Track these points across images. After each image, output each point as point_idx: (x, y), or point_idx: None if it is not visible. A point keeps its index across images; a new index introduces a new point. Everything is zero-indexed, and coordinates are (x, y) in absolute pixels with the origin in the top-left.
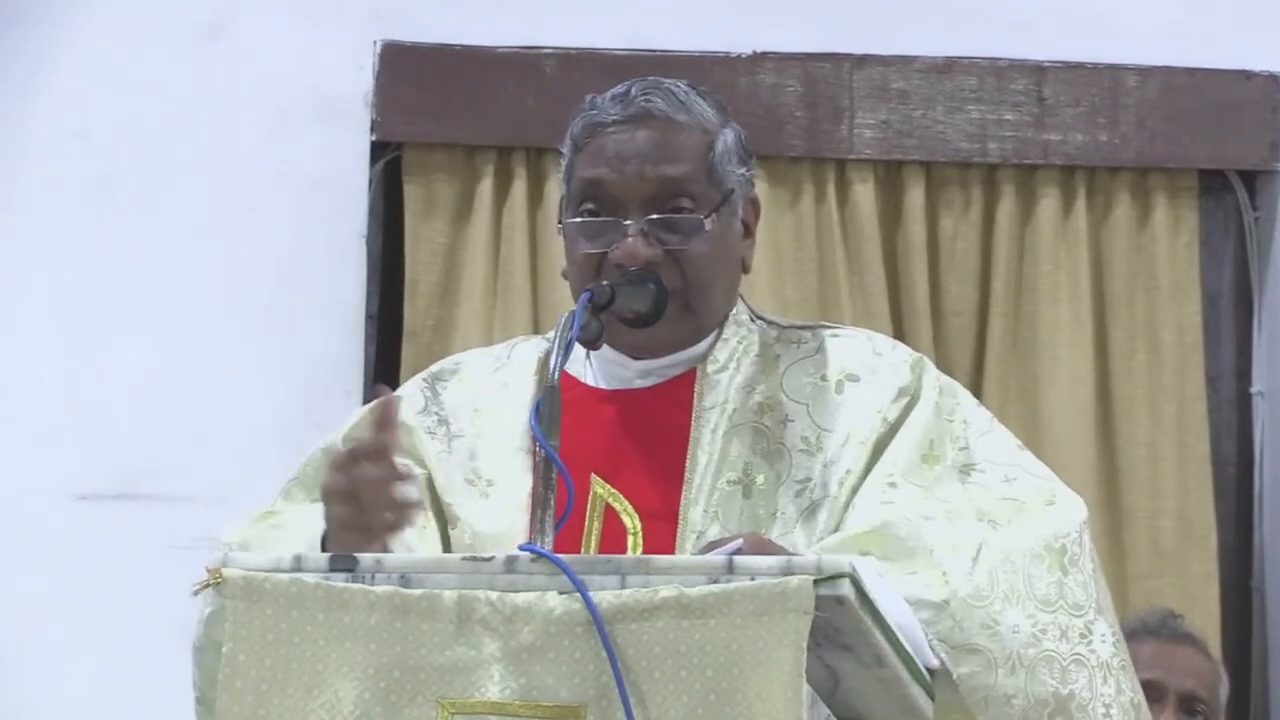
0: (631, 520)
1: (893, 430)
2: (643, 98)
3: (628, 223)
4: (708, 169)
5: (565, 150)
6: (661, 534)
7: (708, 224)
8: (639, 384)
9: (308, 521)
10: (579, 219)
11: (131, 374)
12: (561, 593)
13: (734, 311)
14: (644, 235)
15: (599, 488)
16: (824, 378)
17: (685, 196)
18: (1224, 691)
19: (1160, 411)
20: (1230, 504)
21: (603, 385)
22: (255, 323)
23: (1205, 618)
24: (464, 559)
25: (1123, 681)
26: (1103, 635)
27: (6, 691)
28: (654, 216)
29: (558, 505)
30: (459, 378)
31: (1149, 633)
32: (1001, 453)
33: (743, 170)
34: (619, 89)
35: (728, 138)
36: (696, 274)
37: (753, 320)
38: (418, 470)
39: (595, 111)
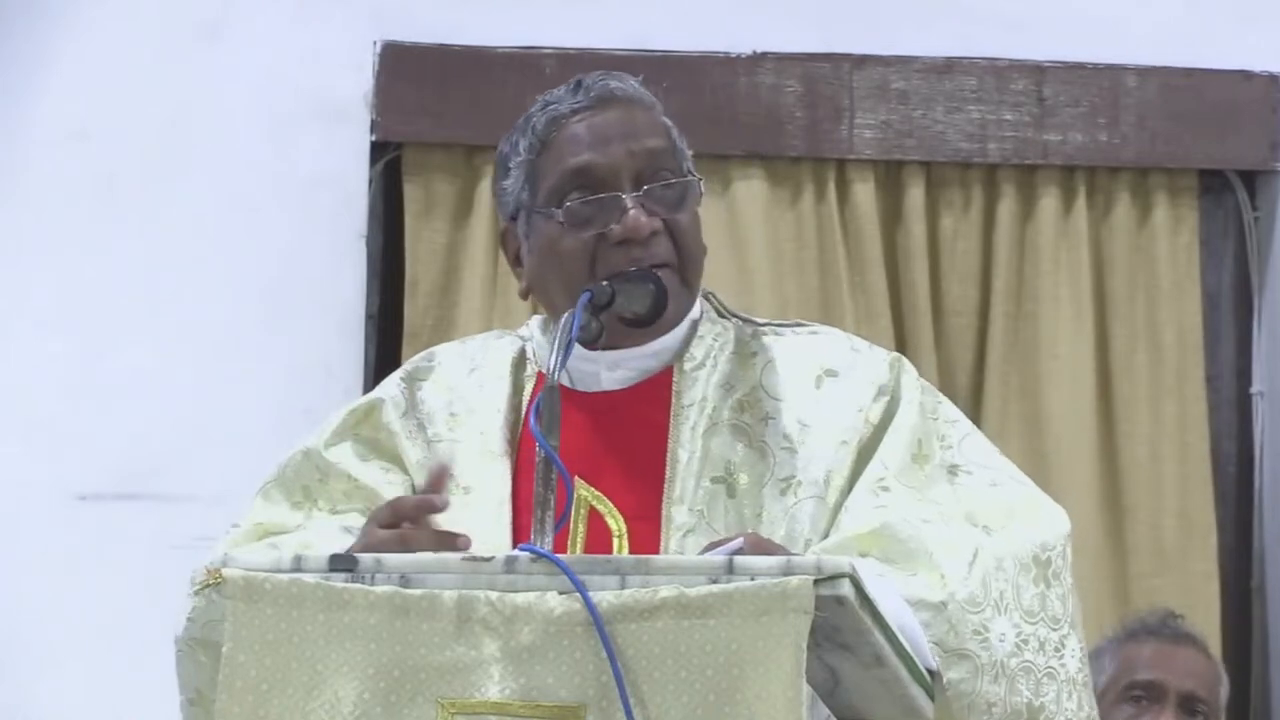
0: (616, 522)
1: (878, 431)
2: (599, 84)
3: (625, 197)
4: (673, 145)
5: (523, 151)
6: (647, 534)
7: (701, 185)
8: (606, 376)
9: (306, 544)
10: (571, 203)
11: (132, 374)
12: (561, 593)
13: (703, 309)
14: (642, 207)
15: (582, 490)
16: (803, 374)
17: (666, 169)
18: (1224, 691)
19: (1160, 411)
20: (1230, 504)
21: (576, 387)
22: (255, 323)
23: (1205, 618)
24: (464, 559)
25: (1084, 698)
26: (1073, 650)
27: (6, 691)
28: (647, 187)
29: (557, 505)
30: (434, 377)
31: (1149, 633)
32: (985, 456)
33: (690, 160)
34: (568, 84)
35: (673, 126)
36: (687, 243)
37: (725, 317)
38: (404, 477)
39: (556, 105)
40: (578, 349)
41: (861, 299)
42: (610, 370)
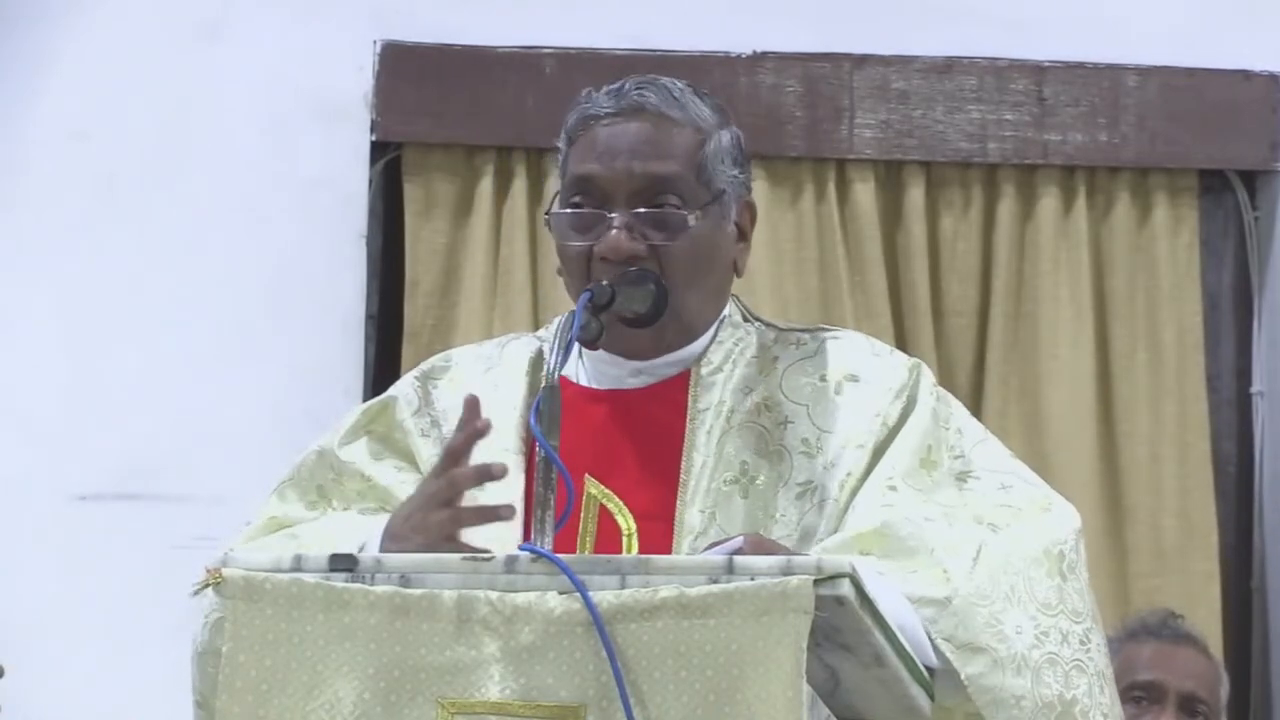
0: (626, 521)
1: (892, 433)
2: (636, 92)
3: (612, 215)
4: (697, 167)
5: (561, 144)
6: (657, 535)
7: (691, 220)
8: (631, 383)
9: (329, 534)
10: (565, 210)
11: (132, 374)
12: (561, 593)
13: (727, 314)
14: (628, 229)
15: (593, 488)
16: (823, 379)
17: (673, 194)
18: (1224, 692)
19: (1161, 411)
20: (1230, 504)
21: (595, 385)
22: (255, 323)
23: (1206, 618)
24: (464, 559)
25: (1112, 693)
26: (1099, 645)
27: (7, 691)
28: (639, 211)
29: (558, 505)
30: (450, 377)
31: (1149, 633)
32: (997, 461)
33: (736, 172)
34: (615, 84)
35: (723, 138)
36: (676, 271)
37: (749, 321)
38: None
39: (589, 105)
40: (603, 352)
41: (861, 299)
42: (635, 378)
